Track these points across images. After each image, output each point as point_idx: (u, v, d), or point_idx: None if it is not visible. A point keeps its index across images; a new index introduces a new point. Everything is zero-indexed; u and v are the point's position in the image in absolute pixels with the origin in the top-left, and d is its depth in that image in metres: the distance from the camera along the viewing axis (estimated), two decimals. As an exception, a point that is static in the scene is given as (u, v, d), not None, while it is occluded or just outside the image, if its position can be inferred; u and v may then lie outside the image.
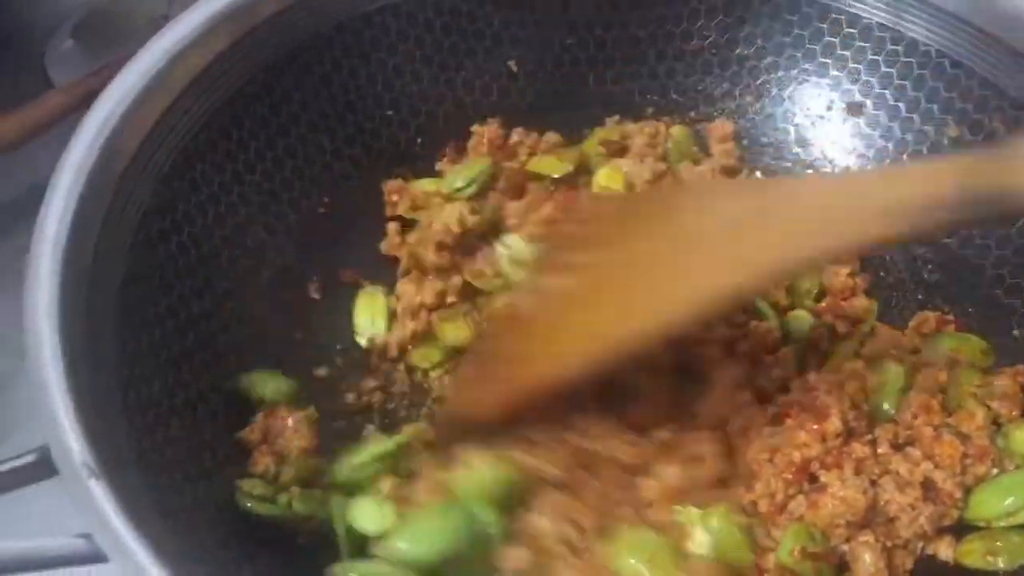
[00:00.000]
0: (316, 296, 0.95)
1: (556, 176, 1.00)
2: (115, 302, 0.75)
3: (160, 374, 0.77)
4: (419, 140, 1.05)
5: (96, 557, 0.58)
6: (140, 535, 0.59)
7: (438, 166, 1.04)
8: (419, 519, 0.75)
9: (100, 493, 0.60)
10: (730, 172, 1.04)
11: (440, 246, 0.92)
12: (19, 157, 1.13)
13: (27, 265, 0.70)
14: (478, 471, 0.76)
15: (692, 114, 1.09)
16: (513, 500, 0.76)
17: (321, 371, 0.91)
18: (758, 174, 1.07)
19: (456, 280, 0.91)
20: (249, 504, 0.77)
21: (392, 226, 0.99)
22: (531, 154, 1.03)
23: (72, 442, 0.62)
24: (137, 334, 0.76)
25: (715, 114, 1.09)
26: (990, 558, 0.81)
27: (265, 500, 0.77)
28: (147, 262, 0.80)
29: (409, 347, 0.93)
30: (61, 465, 0.61)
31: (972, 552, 0.81)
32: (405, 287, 0.94)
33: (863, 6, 1.01)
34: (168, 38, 0.87)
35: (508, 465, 0.76)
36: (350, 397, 0.91)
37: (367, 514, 0.78)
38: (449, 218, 0.93)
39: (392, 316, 0.95)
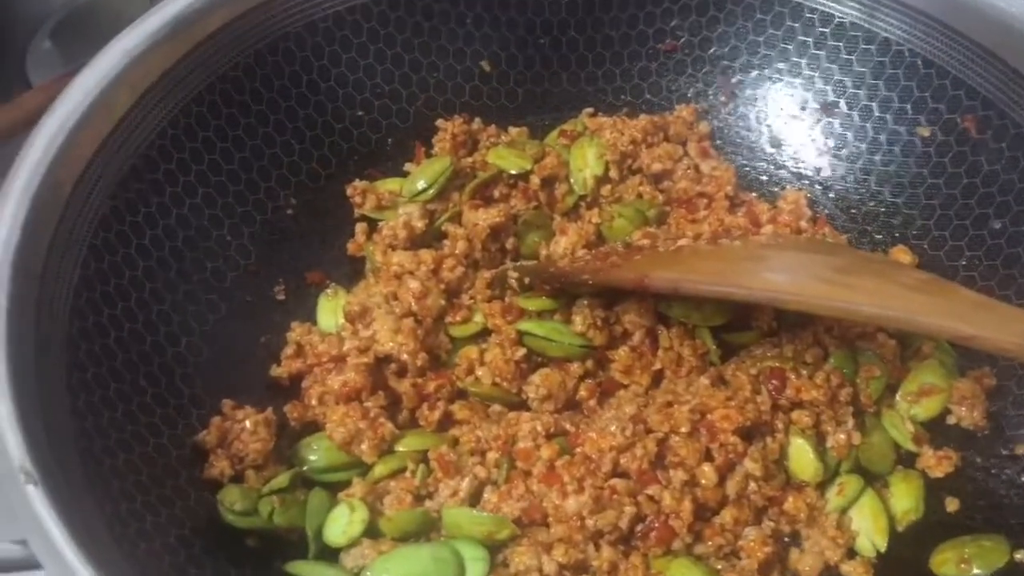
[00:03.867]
0: (281, 298, 0.95)
1: (513, 172, 0.99)
2: (67, 303, 0.75)
3: (113, 378, 0.76)
4: (389, 140, 1.05)
5: (30, 563, 0.58)
6: (76, 543, 0.58)
7: (407, 166, 1.03)
8: (403, 555, 0.75)
9: (37, 498, 0.60)
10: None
11: (390, 248, 0.93)
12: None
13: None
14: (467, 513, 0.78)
15: (667, 114, 1.08)
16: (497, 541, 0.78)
17: (283, 372, 0.90)
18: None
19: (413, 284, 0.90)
20: (231, 518, 0.77)
21: (360, 227, 0.99)
22: (494, 146, 1.02)
23: (10, 445, 0.61)
24: (89, 337, 0.76)
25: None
26: (964, 566, 0.80)
27: (246, 514, 0.77)
28: (103, 266, 0.80)
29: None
30: (-2, 469, 0.61)
31: (946, 562, 0.81)
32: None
33: (836, 5, 1.00)
34: (128, 40, 0.87)
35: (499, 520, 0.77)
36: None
37: (337, 525, 0.78)
38: (397, 222, 0.93)
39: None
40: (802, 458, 0.83)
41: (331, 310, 0.94)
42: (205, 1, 0.90)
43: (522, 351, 0.88)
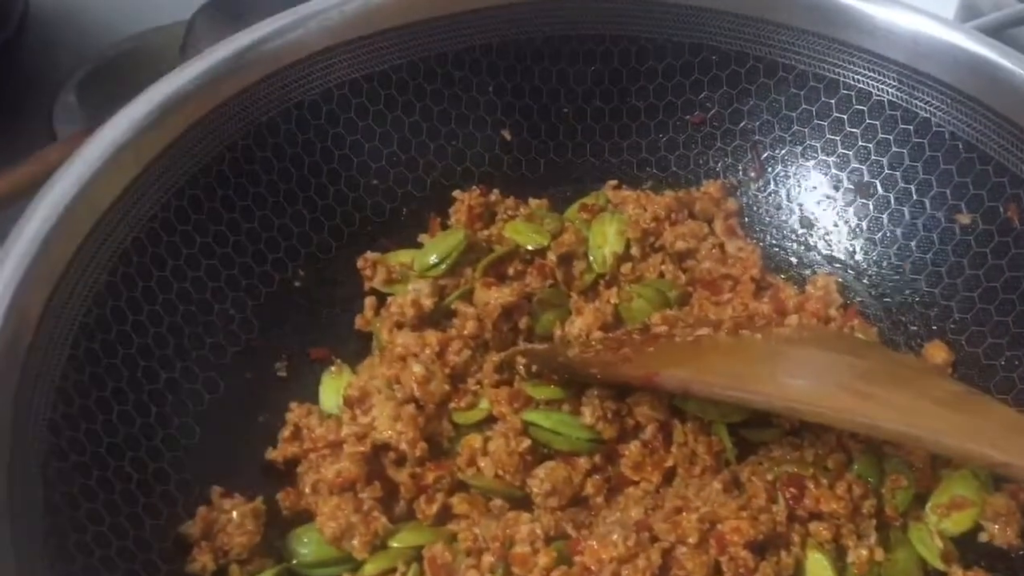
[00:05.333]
0: (283, 375, 0.91)
1: (530, 248, 0.95)
2: (50, 387, 0.72)
3: (97, 466, 0.73)
4: (404, 210, 1.02)
5: None
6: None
7: (421, 238, 1.00)
8: None
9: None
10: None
11: (397, 326, 0.89)
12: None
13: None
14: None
15: (693, 189, 1.04)
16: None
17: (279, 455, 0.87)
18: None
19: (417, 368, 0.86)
20: None
21: (369, 301, 0.96)
22: (511, 219, 0.99)
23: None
24: (74, 422, 0.73)
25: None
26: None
27: None
28: (94, 345, 0.77)
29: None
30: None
31: None
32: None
33: (874, 81, 0.95)
34: (136, 109, 0.85)
35: None
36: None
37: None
38: (405, 299, 0.90)
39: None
40: (820, 574, 0.77)
41: (334, 389, 0.90)
42: (217, 69, 0.89)
43: (527, 442, 0.84)
